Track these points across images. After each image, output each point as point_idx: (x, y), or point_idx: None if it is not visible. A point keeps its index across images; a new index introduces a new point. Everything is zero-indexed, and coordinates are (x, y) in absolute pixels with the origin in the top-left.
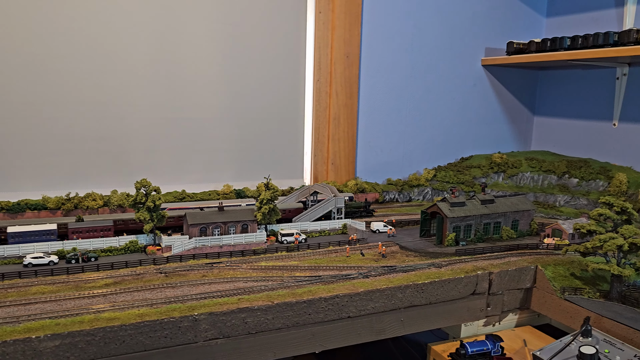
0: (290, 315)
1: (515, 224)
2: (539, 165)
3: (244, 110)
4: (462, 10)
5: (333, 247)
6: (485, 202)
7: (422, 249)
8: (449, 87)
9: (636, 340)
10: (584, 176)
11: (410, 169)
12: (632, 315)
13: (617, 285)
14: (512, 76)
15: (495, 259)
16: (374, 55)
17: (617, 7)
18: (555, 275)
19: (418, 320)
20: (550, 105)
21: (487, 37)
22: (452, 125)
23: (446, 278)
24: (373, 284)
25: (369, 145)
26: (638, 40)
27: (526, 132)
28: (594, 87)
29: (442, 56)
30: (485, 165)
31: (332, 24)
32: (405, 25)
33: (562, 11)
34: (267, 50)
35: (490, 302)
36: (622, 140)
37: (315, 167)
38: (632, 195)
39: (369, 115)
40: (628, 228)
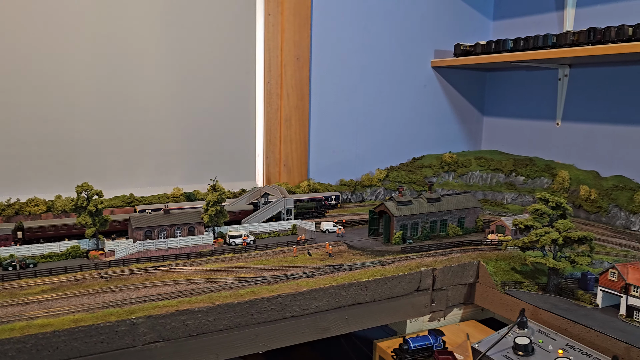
0: (232, 316)
1: (461, 222)
2: (488, 164)
3: (194, 113)
4: (411, 14)
5: (281, 248)
6: (432, 201)
7: (370, 248)
8: (400, 88)
9: (570, 330)
10: (530, 174)
11: (363, 169)
12: (567, 307)
13: (554, 277)
14: (462, 78)
15: (440, 255)
16: (324, 57)
17: (558, 10)
18: (496, 270)
19: (363, 318)
20: (498, 106)
21: (437, 39)
22: (403, 125)
23: (390, 275)
24: (317, 283)
25: (322, 147)
26: (575, 42)
27: (476, 132)
28: (538, 88)
29: (392, 58)
30: (436, 164)
31: (281, 26)
32: (355, 27)
33: (507, 14)
34: (217, 52)
35: (435, 298)
36: (564, 139)
37: (268, 169)
38: (574, 191)
39: (320, 117)
40: (563, 222)
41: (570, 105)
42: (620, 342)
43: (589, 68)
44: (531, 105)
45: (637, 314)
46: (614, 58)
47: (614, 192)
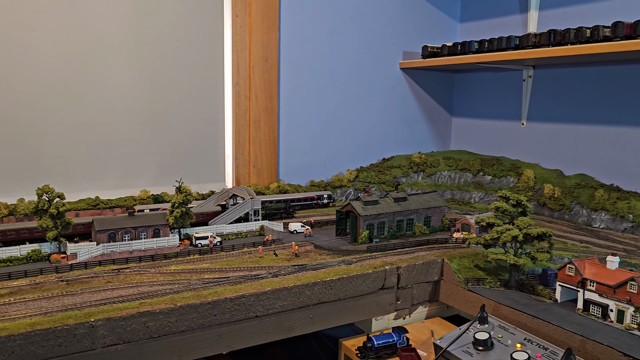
0: (194, 317)
1: (427, 220)
2: (456, 164)
3: (162, 114)
4: (380, 16)
5: (247, 249)
6: (398, 200)
7: (336, 247)
8: (369, 89)
9: (529, 325)
10: (496, 173)
11: (334, 170)
12: (527, 302)
13: (515, 274)
14: (430, 79)
15: (405, 254)
16: (293, 58)
17: (522, 13)
18: (460, 267)
19: (328, 317)
20: (466, 107)
21: (405, 41)
22: (373, 126)
23: (354, 274)
24: (281, 282)
25: (291, 148)
26: (536, 44)
27: (445, 132)
28: (504, 89)
29: (361, 60)
30: (406, 165)
31: (249, 27)
32: (323, 29)
33: (474, 17)
34: (184, 53)
35: (400, 296)
36: (530, 138)
37: (237, 170)
38: (539, 190)
39: (290, 118)
40: (523, 219)
41: (535, 106)
42: (576, 335)
43: (552, 69)
44: (498, 105)
45: (593, 307)
46: (574, 59)
47: (576, 190)
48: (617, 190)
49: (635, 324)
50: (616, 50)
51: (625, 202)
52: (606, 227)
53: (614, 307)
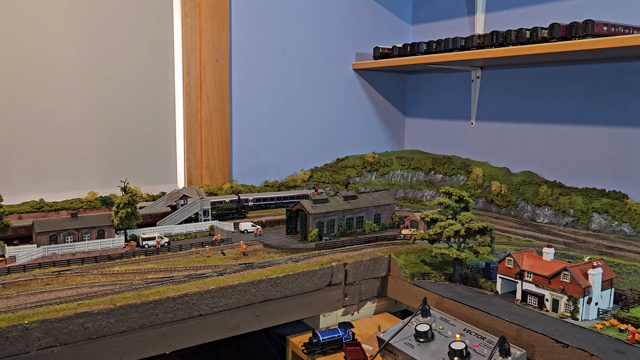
0: (135, 317)
1: (377, 218)
2: (408, 164)
3: (111, 115)
4: (332, 17)
5: (195, 249)
6: (348, 198)
7: (285, 246)
8: (322, 90)
9: (470, 316)
10: (447, 172)
11: (288, 170)
12: (469, 294)
13: (459, 267)
14: (384, 80)
15: (353, 250)
16: (245, 59)
17: (469, 15)
18: (406, 262)
19: (274, 314)
20: (419, 107)
21: (357, 42)
22: (327, 127)
23: (301, 271)
24: (226, 281)
25: (244, 148)
26: (480, 45)
27: (399, 132)
28: (455, 89)
29: (313, 60)
30: (359, 165)
31: (199, 28)
32: (274, 30)
33: (424, 19)
34: (133, 53)
35: (348, 292)
36: (479, 137)
37: (189, 171)
38: (487, 187)
39: (242, 119)
40: (465, 214)
41: (483, 106)
42: (513, 325)
43: (498, 70)
44: (449, 106)
45: (531, 297)
46: (517, 60)
47: (522, 187)
48: (559, 186)
49: (568, 312)
50: (553, 51)
51: (566, 197)
52: (549, 222)
53: (549, 297)
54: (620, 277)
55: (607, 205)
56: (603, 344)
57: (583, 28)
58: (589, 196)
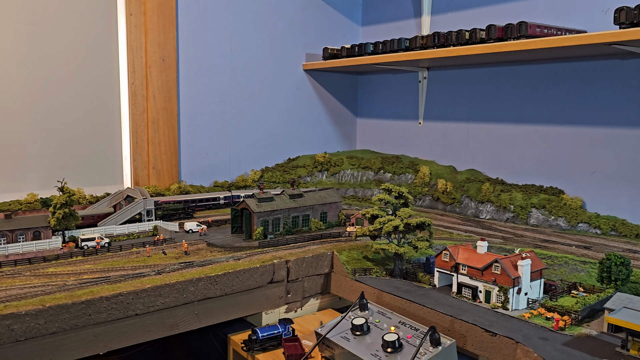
0: (66, 317)
1: (324, 216)
2: (358, 163)
3: (53, 115)
4: (281, 18)
5: (136, 249)
6: (294, 197)
7: (230, 245)
8: (273, 90)
9: (408, 309)
10: (396, 171)
11: (238, 170)
12: (408, 288)
13: (399, 262)
14: (335, 81)
15: (297, 248)
16: (192, 58)
17: (416, 17)
18: (349, 259)
19: (214, 312)
20: (369, 108)
21: (308, 43)
22: (278, 127)
23: (241, 269)
24: (163, 279)
25: (193, 149)
26: (423, 46)
27: (350, 132)
28: (403, 90)
29: (263, 61)
30: (310, 164)
31: (144, 27)
32: (223, 30)
33: (374, 21)
34: (75, 51)
35: (290, 289)
36: (426, 137)
37: (136, 172)
38: (434, 185)
39: (191, 119)
40: (404, 210)
41: (430, 106)
42: (446, 316)
43: (444, 71)
44: (398, 106)
45: (465, 289)
46: (459, 60)
47: (466, 185)
48: (501, 183)
49: (499, 303)
50: (489, 52)
51: (507, 194)
52: (491, 218)
53: (482, 288)
54: (552, 268)
55: (544, 200)
56: (529, 332)
57: (517, 29)
58: (528, 192)
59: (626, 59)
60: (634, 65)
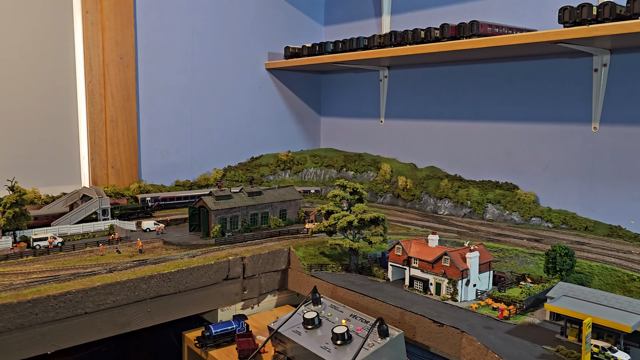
0: (11, 317)
1: (283, 213)
2: (321, 161)
3: (8, 114)
4: (243, 17)
5: (90, 248)
6: (253, 194)
7: (186, 242)
8: (235, 89)
9: (361, 303)
10: (358, 168)
11: (200, 169)
12: (362, 283)
13: (354, 258)
14: (299, 80)
15: (253, 245)
16: (152, 57)
17: (377, 17)
18: (305, 255)
19: (167, 310)
20: (333, 107)
21: (270, 42)
22: (241, 126)
23: (195, 266)
24: (114, 277)
25: (153, 148)
26: (381, 44)
27: (314, 131)
28: (365, 88)
29: (224, 60)
30: (273, 163)
31: (101, 24)
32: (183, 29)
33: (336, 20)
34: (31, 50)
35: (247, 286)
36: (388, 135)
37: (94, 172)
38: (394, 182)
39: (151, 118)
40: (359, 206)
41: (391, 104)
42: (397, 308)
43: (403, 69)
44: (360, 105)
45: (417, 282)
46: (416, 59)
47: (426, 181)
48: (459, 179)
49: (449, 295)
50: (442, 50)
51: (465, 190)
52: (449, 214)
53: (433, 281)
54: (503, 261)
55: (499, 196)
56: (475, 322)
57: (469, 28)
58: (484, 188)
59: (574, 57)
60: (581, 63)
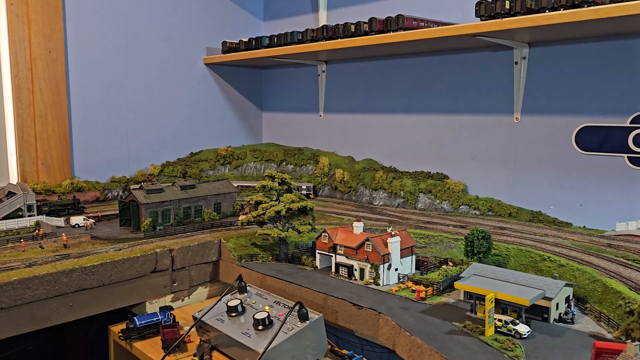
0: None
1: (217, 206)
2: (261, 156)
3: None
4: (179, 11)
5: (12, 244)
6: (185, 188)
7: (115, 237)
8: (172, 85)
9: (287, 290)
10: (298, 162)
11: (138, 165)
12: (291, 271)
13: (284, 247)
14: (239, 75)
15: (184, 237)
16: (83, 52)
17: (314, 12)
18: (236, 246)
19: (92, 304)
20: (274, 102)
21: (209, 37)
22: (180, 121)
23: (120, 259)
24: (33, 272)
25: (87, 144)
26: (314, 38)
27: (256, 127)
28: (304, 83)
29: (160, 55)
30: (213, 158)
31: (27, 17)
32: (116, 23)
33: (275, 15)
34: None
35: (176, 278)
36: (327, 129)
37: (23, 168)
38: (332, 175)
39: (84, 113)
40: (287, 196)
41: (330, 99)
42: (320, 294)
43: (341, 64)
44: (300, 99)
45: (342, 268)
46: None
47: (362, 173)
48: (394, 171)
49: (371, 279)
50: (371, 44)
51: (399, 181)
52: (384, 204)
53: (357, 267)
54: (429, 247)
55: (431, 185)
56: (392, 303)
57: (396, 22)
58: (417, 179)
59: (497, 51)
60: (503, 56)
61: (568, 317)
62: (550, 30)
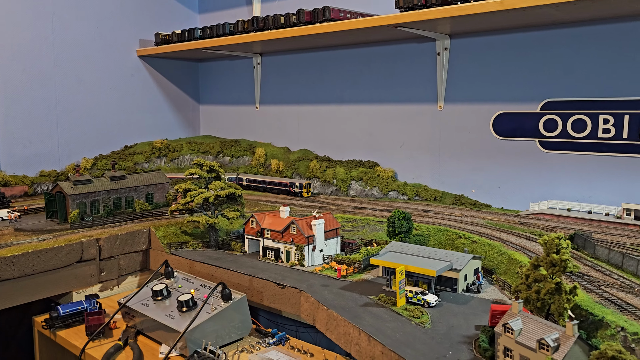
0: None
1: (149, 197)
2: (198, 148)
3: None
4: (109, 3)
5: None
6: (115, 179)
7: (41, 229)
8: (104, 77)
9: (215, 274)
10: (234, 154)
11: (69, 159)
12: (220, 256)
13: (214, 234)
14: (175, 68)
15: (112, 227)
16: (5, 41)
17: (248, 4)
18: (166, 234)
19: (12, 294)
20: (211, 94)
21: (142, 29)
22: (113, 114)
23: (42, 249)
24: None
25: (13, 137)
26: (244, 30)
27: (193, 119)
28: (241, 76)
29: (91, 46)
30: (148, 151)
31: None
32: (41, 13)
33: (211, 8)
34: None
35: (104, 268)
36: (263, 120)
37: None
38: (268, 165)
39: (9, 106)
40: (216, 183)
41: (266, 91)
42: (245, 276)
43: (276, 56)
44: (237, 92)
45: (269, 252)
46: (283, 45)
47: (297, 163)
48: (327, 160)
49: (297, 261)
50: (299, 35)
51: (332, 169)
52: (317, 192)
53: (283, 249)
54: (356, 230)
55: (362, 173)
56: (314, 282)
57: (322, 13)
58: (349, 167)
59: (421, 42)
60: (427, 48)
61: (475, 287)
62: (466, 21)
